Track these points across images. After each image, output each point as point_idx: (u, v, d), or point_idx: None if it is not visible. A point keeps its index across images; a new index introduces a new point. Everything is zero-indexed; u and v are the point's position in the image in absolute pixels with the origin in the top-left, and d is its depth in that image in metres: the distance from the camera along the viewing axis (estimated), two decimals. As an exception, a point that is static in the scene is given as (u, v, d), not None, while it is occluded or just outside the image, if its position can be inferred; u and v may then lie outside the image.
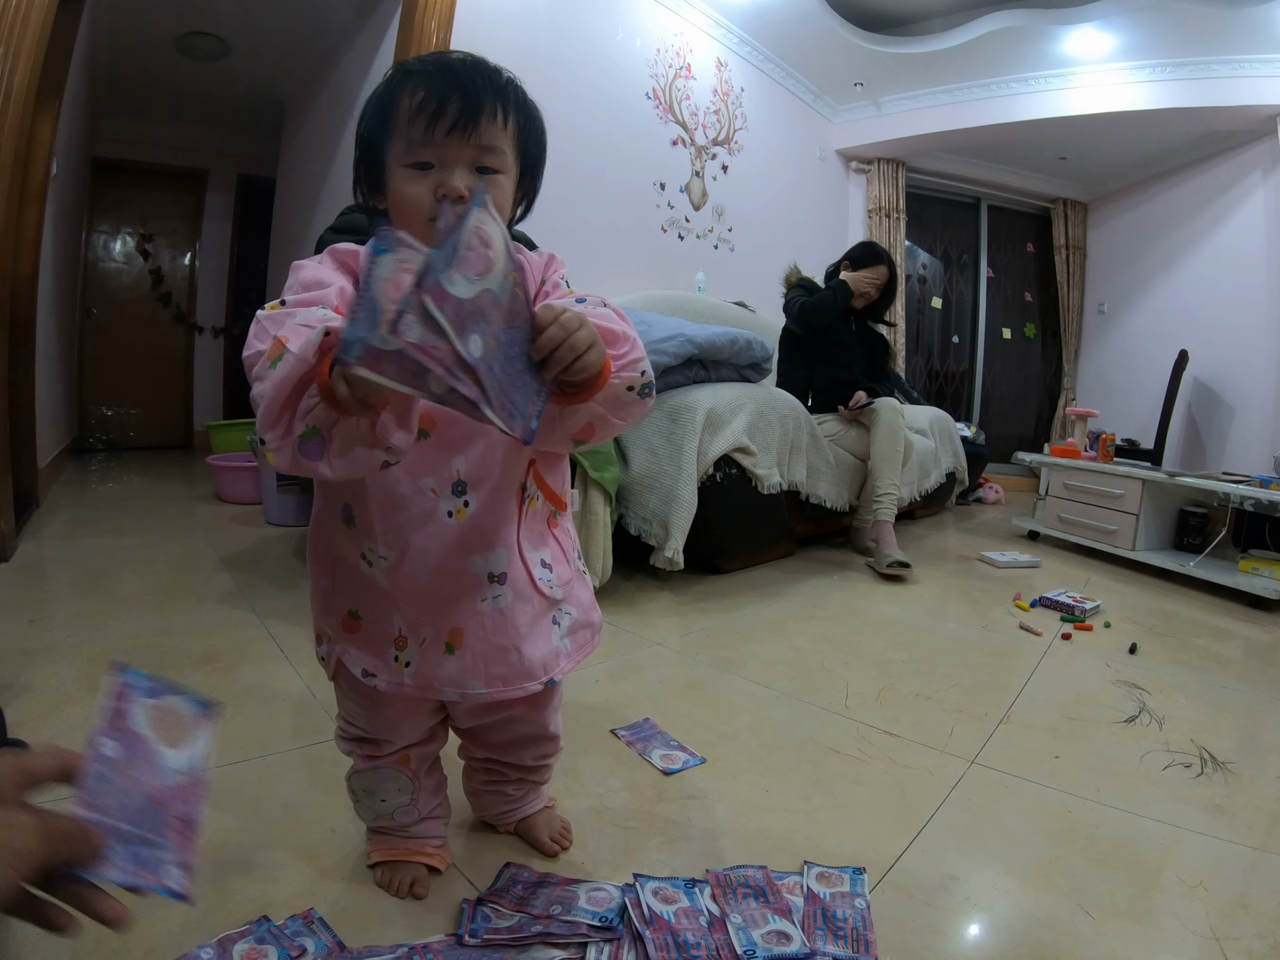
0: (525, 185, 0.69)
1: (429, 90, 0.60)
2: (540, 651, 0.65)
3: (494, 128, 0.62)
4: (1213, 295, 4.14)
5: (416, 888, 0.71)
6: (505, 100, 0.63)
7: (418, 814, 0.73)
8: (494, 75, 0.63)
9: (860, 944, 0.67)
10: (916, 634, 1.65)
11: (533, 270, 0.65)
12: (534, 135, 0.67)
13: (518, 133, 0.65)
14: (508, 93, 0.63)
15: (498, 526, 0.62)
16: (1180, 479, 2.32)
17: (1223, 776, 1.04)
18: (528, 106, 0.66)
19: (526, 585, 0.64)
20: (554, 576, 0.66)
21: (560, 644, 0.67)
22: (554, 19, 2.75)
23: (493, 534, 0.62)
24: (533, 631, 0.65)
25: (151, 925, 0.64)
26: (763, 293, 3.63)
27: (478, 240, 0.44)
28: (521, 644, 0.64)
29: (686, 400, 1.89)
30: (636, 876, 0.74)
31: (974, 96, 4.08)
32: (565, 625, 0.68)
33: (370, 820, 0.75)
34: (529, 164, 0.68)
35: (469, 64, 0.63)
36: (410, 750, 0.72)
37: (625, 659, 1.39)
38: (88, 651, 1.27)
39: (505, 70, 0.65)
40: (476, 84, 0.61)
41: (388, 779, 0.71)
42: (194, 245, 4.72)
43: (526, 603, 0.64)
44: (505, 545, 0.62)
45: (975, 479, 3.84)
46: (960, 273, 5.03)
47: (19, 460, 2.19)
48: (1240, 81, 3.47)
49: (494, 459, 0.61)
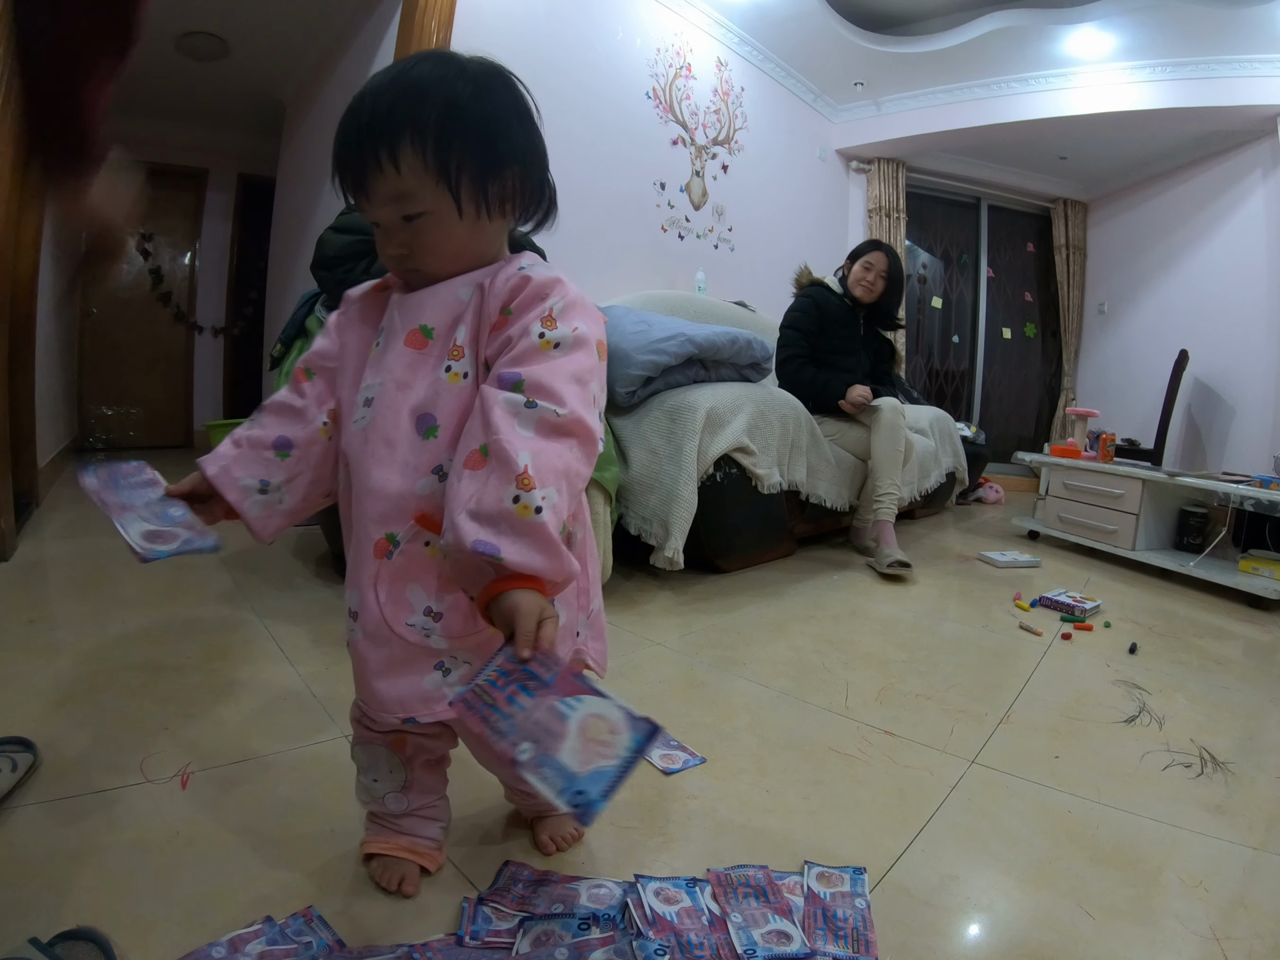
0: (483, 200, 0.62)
1: (331, 164, 0.63)
2: (397, 691, 0.64)
3: (384, 179, 0.59)
4: (1213, 295, 4.14)
5: (405, 884, 0.71)
6: (392, 142, 0.58)
7: (407, 805, 0.74)
8: (371, 120, 0.59)
9: (860, 944, 0.67)
10: (916, 634, 1.65)
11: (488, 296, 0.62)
12: (457, 149, 0.59)
13: (425, 163, 0.59)
14: (394, 130, 0.58)
15: (357, 568, 0.65)
16: (1180, 479, 2.32)
17: (1223, 776, 1.04)
18: (436, 125, 0.58)
19: (378, 628, 0.63)
20: (438, 626, 0.63)
21: (446, 690, 0.64)
22: (554, 19, 2.75)
23: (354, 573, 0.65)
24: (388, 670, 0.64)
25: (153, 925, 0.64)
26: (763, 293, 3.63)
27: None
28: (371, 679, 0.64)
29: (686, 400, 1.89)
30: (638, 877, 0.74)
31: (974, 96, 4.08)
32: (457, 674, 0.64)
33: (366, 801, 0.76)
34: (463, 181, 0.60)
35: (350, 123, 0.60)
36: (406, 736, 0.72)
37: (625, 659, 1.39)
38: (87, 651, 1.27)
39: (413, 82, 0.59)
40: (351, 145, 0.60)
41: (381, 758, 0.72)
42: (194, 245, 4.72)
43: (380, 644, 0.63)
44: (357, 586, 0.64)
45: (975, 479, 3.84)
46: (960, 272, 5.03)
47: (19, 460, 2.19)
48: (1240, 81, 3.47)
49: (361, 506, 0.64)
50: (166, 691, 1.12)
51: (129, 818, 0.80)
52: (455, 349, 0.62)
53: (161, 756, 0.93)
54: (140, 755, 0.92)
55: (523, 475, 0.53)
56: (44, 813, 0.79)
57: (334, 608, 1.59)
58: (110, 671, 1.18)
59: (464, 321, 0.63)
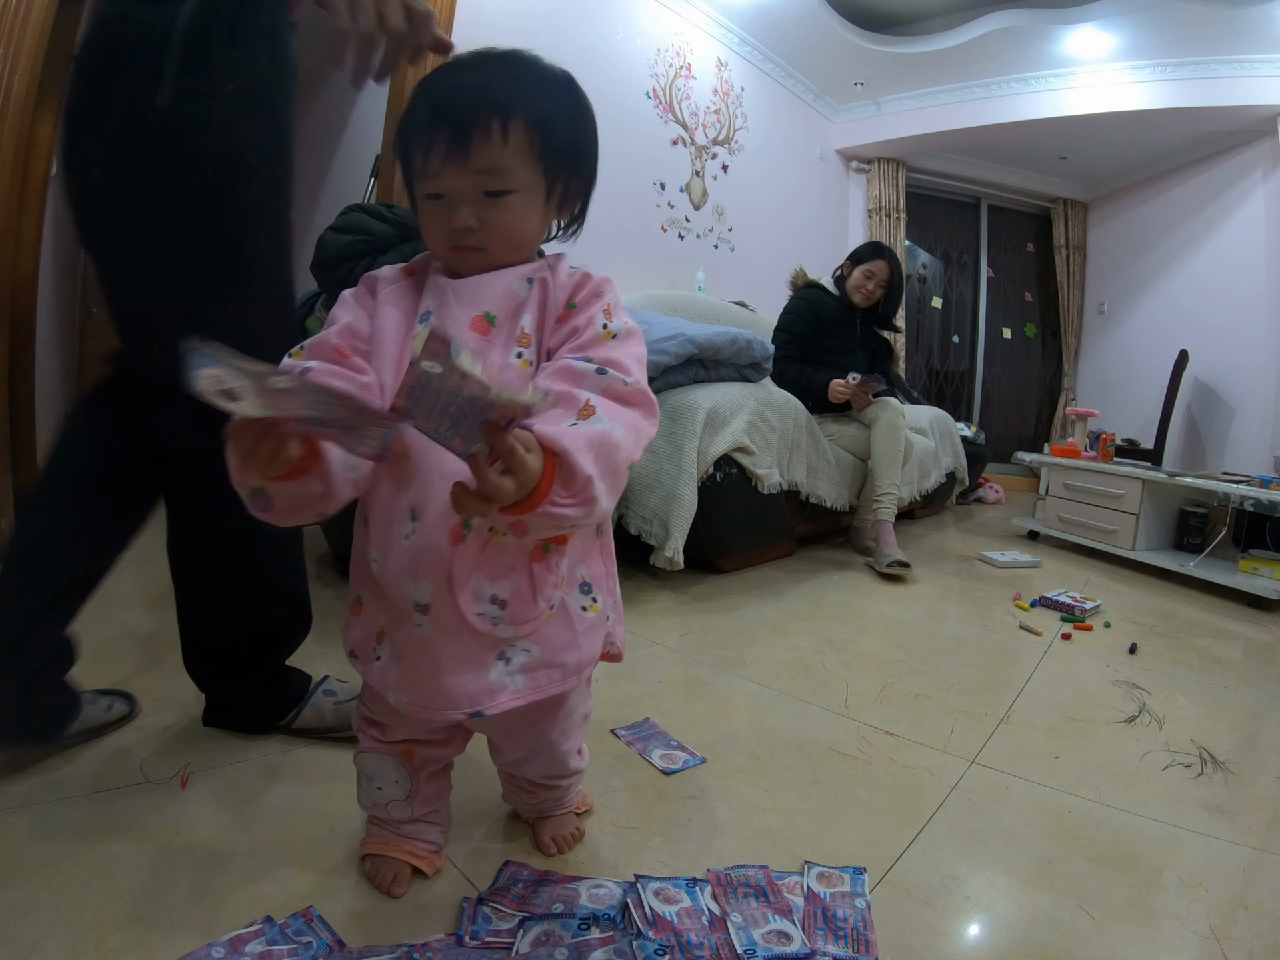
0: (561, 196, 0.65)
1: (421, 119, 0.60)
2: (468, 684, 0.62)
3: (489, 148, 0.59)
4: (1213, 295, 4.14)
5: (394, 885, 0.71)
6: (506, 113, 0.59)
7: (410, 813, 0.74)
8: (491, 87, 0.59)
9: (860, 944, 0.67)
10: (916, 634, 1.65)
11: (552, 290, 0.64)
12: (558, 139, 0.63)
13: (531, 143, 0.61)
14: (510, 103, 0.59)
15: (428, 558, 0.60)
16: (1180, 479, 2.32)
17: (1223, 776, 1.04)
18: (533, 108, 0.61)
19: (453, 620, 0.61)
20: (504, 614, 0.62)
21: (506, 680, 0.64)
22: (554, 18, 2.76)
23: (421, 564, 0.61)
24: (460, 664, 0.62)
25: (153, 925, 0.64)
26: (763, 292, 3.63)
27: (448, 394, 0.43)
28: (441, 674, 0.62)
29: (686, 400, 1.89)
30: (638, 877, 0.74)
31: (974, 96, 4.09)
32: (518, 662, 0.64)
33: (368, 806, 0.76)
34: (557, 172, 0.64)
35: (472, 78, 0.60)
36: (416, 746, 0.72)
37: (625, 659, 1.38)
38: (87, 650, 1.26)
39: (518, 68, 0.61)
40: (472, 103, 0.59)
41: (389, 768, 0.72)
42: (194, 245, 4.71)
43: (453, 637, 0.62)
44: (431, 578, 0.61)
45: (975, 479, 3.84)
46: (960, 273, 5.04)
47: (19, 460, 2.19)
48: (1240, 81, 3.48)
49: (431, 492, 0.59)
50: (166, 692, 1.12)
51: (129, 818, 0.80)
52: (523, 336, 0.62)
53: (161, 756, 0.93)
54: (140, 755, 0.92)
55: (584, 407, 0.54)
56: (44, 812, 0.79)
57: (333, 608, 1.59)
58: (110, 671, 1.18)
59: (527, 311, 0.63)
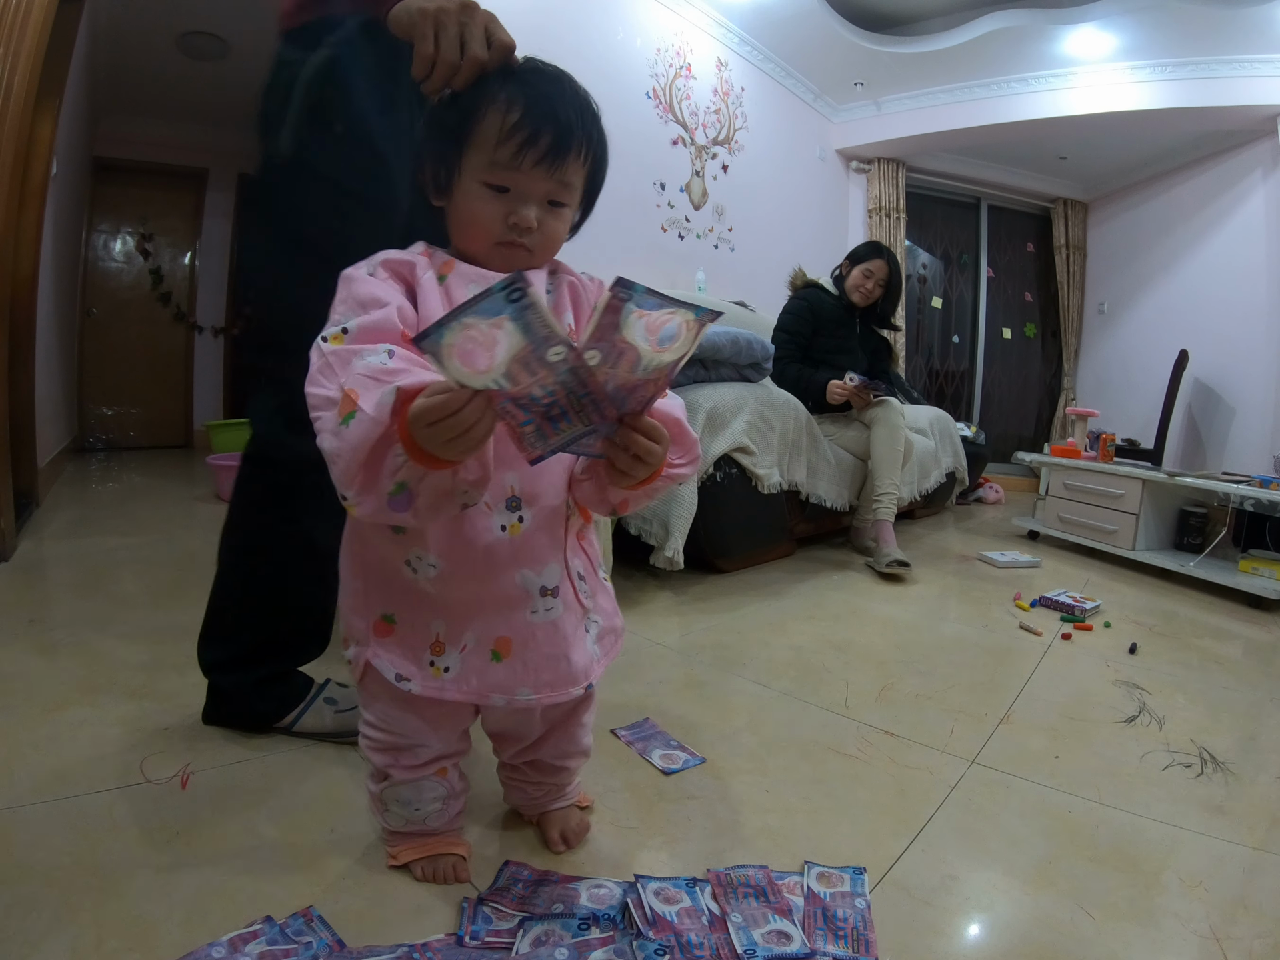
0: (582, 213, 0.71)
1: (524, 116, 0.61)
2: (583, 658, 0.68)
3: (574, 165, 0.64)
4: (1213, 295, 4.14)
5: (460, 872, 0.73)
6: (590, 138, 0.65)
7: (448, 815, 0.76)
8: (584, 109, 0.65)
9: (860, 944, 0.67)
10: (916, 634, 1.65)
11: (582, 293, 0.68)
12: (602, 169, 0.69)
13: (591, 168, 0.67)
14: (592, 129, 0.65)
15: (549, 542, 0.65)
16: (1180, 479, 2.32)
17: (1223, 776, 1.04)
18: (602, 141, 0.67)
19: (571, 597, 0.67)
20: (588, 587, 0.70)
21: (593, 649, 0.70)
22: (554, 18, 2.75)
23: (544, 549, 0.65)
24: (577, 640, 0.68)
25: (153, 925, 0.64)
26: (763, 292, 3.63)
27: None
28: (570, 652, 0.67)
29: (686, 400, 1.89)
30: (638, 877, 0.73)
31: (974, 96, 4.09)
32: (594, 632, 0.71)
33: (399, 826, 0.75)
34: (591, 195, 0.70)
35: (566, 94, 0.64)
36: (446, 761, 0.74)
37: (625, 659, 1.38)
38: (88, 651, 1.27)
39: (588, 97, 0.66)
40: (570, 119, 0.63)
41: (425, 789, 0.73)
42: (194, 245, 4.71)
43: (571, 613, 0.67)
44: (557, 560, 0.66)
45: (975, 479, 3.84)
46: (960, 272, 5.03)
47: (19, 460, 2.19)
48: (1240, 81, 3.48)
49: (545, 478, 0.63)
50: (166, 691, 1.12)
51: (129, 818, 0.80)
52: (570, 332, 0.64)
53: (161, 756, 0.93)
54: (140, 755, 0.93)
55: None
56: (44, 812, 0.79)
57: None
58: (110, 671, 1.18)
59: (566, 309, 0.67)
